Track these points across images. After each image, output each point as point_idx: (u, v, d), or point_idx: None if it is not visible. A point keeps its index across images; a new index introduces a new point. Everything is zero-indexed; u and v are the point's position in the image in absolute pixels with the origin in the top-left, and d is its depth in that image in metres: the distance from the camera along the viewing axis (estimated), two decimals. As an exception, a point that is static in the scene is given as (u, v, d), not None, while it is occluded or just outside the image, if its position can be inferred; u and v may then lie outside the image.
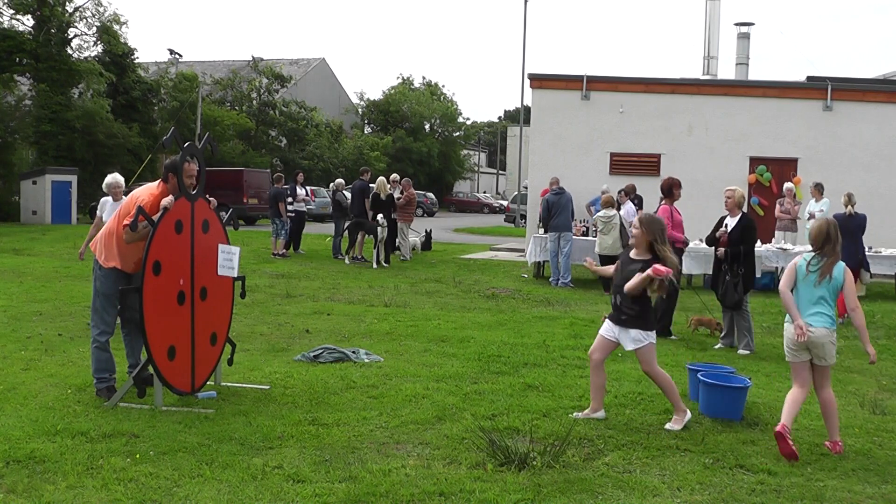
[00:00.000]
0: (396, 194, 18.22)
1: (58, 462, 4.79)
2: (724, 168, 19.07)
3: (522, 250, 20.19)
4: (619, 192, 15.08)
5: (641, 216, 6.03)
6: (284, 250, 18.02)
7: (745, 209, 9.26)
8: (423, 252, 20.10)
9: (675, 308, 9.81)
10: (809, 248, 5.91)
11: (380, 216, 16.87)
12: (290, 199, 18.18)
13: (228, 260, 6.44)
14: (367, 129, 61.58)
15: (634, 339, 5.83)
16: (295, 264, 16.61)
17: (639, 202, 16.02)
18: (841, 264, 5.60)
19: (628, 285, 5.74)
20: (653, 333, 5.88)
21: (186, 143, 6.13)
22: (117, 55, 36.54)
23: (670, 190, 9.91)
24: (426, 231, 21.16)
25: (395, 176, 18.90)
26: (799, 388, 5.57)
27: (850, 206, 12.02)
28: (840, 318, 12.54)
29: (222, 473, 4.70)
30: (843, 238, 12.37)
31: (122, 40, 36.46)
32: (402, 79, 64.27)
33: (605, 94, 20.04)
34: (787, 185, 16.22)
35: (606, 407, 6.30)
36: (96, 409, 5.90)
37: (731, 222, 9.03)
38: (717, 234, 9.03)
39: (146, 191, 6.20)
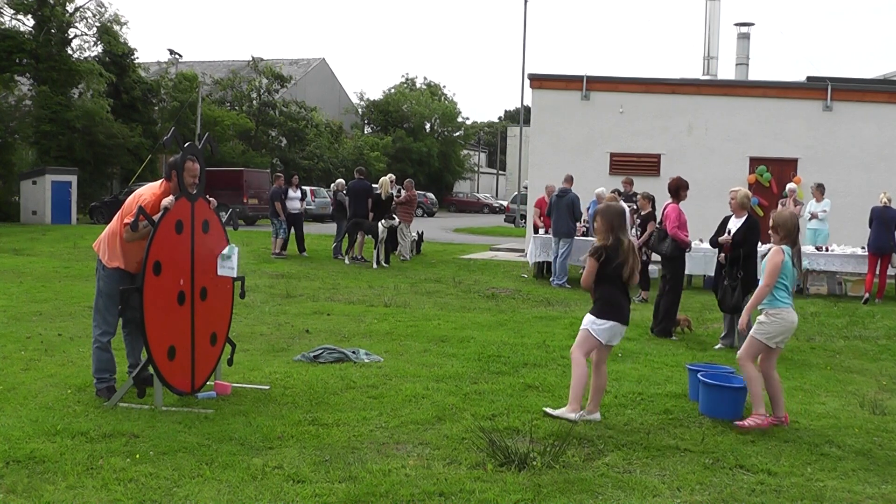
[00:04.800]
0: (395, 192, 18.23)
1: (58, 462, 4.79)
2: (724, 168, 19.09)
3: (522, 250, 20.20)
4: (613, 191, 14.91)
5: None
6: (280, 251, 17.97)
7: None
8: (414, 254, 19.87)
9: (677, 309, 9.79)
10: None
11: (384, 220, 16.77)
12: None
13: (228, 260, 6.44)
14: (367, 130, 61.61)
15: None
16: (295, 264, 16.61)
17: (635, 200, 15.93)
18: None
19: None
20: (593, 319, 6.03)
21: (187, 143, 6.13)
22: (117, 55, 36.56)
23: (677, 191, 9.91)
24: (418, 233, 20.80)
25: (391, 176, 18.86)
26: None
27: (885, 199, 13.32)
28: (866, 294, 13.05)
29: (222, 473, 4.70)
30: (881, 226, 13.79)
31: (122, 40, 36.48)
32: (406, 79, 64.46)
33: (604, 95, 20.05)
34: (790, 185, 16.24)
35: (606, 407, 6.31)
36: (96, 409, 5.89)
37: (735, 223, 8.93)
38: (721, 239, 8.93)
39: (149, 190, 6.20)
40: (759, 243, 9.22)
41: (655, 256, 11.23)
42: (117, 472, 4.65)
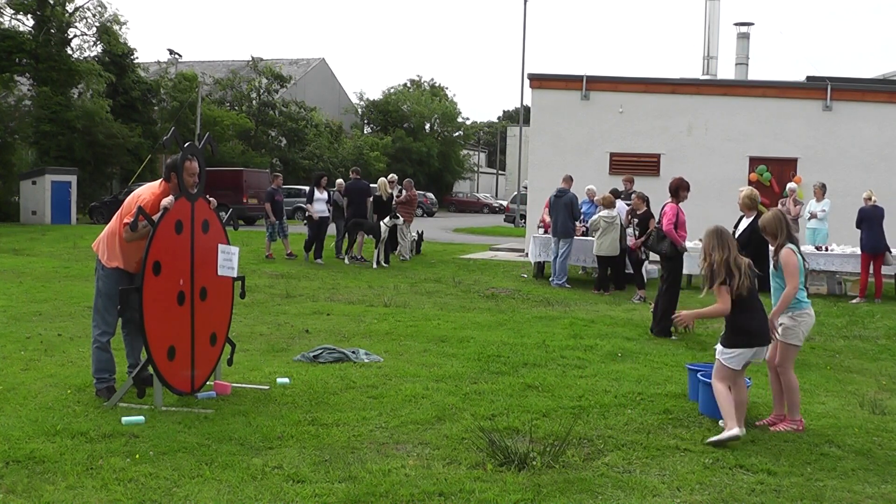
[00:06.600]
0: (395, 193, 18.22)
1: (57, 462, 4.79)
2: (724, 168, 19.09)
3: (522, 250, 20.20)
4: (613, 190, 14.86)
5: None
6: (282, 251, 17.84)
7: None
8: (414, 254, 19.83)
9: (675, 309, 9.77)
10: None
11: (387, 219, 16.75)
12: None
13: (228, 260, 6.44)
14: (367, 129, 61.62)
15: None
16: (295, 264, 16.60)
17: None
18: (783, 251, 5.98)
19: None
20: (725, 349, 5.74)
21: (187, 143, 6.13)
22: (117, 55, 36.58)
23: (677, 191, 9.91)
24: (418, 232, 20.68)
25: (392, 176, 18.85)
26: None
27: (873, 199, 13.51)
28: (860, 299, 13.07)
29: (222, 473, 4.70)
30: (871, 225, 13.34)
31: (122, 40, 36.49)
32: (415, 81, 64.58)
33: (604, 94, 20.06)
34: (791, 185, 16.25)
35: (606, 407, 6.31)
36: (96, 409, 5.89)
37: (744, 223, 8.89)
38: None
39: (148, 190, 6.21)
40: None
41: (654, 256, 11.23)
42: (117, 472, 4.65)
